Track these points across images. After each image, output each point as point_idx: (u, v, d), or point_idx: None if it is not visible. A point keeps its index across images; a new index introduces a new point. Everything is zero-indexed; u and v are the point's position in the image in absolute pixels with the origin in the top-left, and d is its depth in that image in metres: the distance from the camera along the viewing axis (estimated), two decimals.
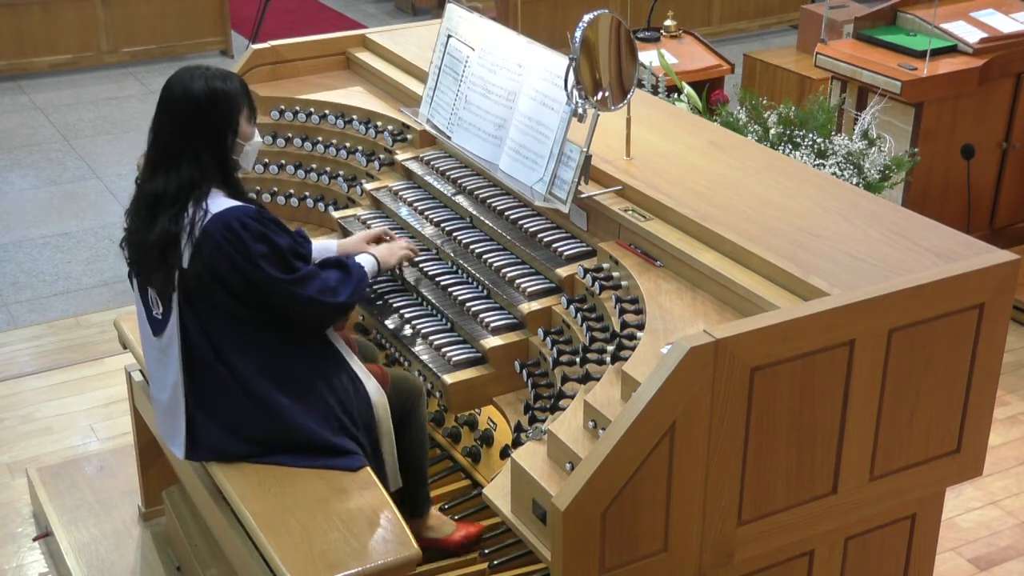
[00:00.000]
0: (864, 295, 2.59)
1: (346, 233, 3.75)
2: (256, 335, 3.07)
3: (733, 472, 2.57)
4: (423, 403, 3.48)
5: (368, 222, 3.76)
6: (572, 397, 2.80)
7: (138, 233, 3.08)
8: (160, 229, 3.00)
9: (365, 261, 3.33)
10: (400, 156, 3.91)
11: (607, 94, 3.21)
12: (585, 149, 3.20)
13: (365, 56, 4.41)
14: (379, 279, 3.53)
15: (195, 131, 3.03)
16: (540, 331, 3.11)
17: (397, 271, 3.51)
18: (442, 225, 3.59)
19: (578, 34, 3.11)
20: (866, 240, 2.92)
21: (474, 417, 3.77)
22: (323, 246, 3.50)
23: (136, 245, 3.09)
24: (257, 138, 3.23)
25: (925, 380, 2.75)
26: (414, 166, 3.85)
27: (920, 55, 5.34)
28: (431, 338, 3.28)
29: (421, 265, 3.50)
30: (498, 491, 2.73)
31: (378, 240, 3.51)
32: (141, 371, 3.72)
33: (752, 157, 3.42)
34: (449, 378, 3.14)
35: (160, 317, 3.10)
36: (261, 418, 3.08)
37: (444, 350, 3.22)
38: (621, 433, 2.40)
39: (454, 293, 3.36)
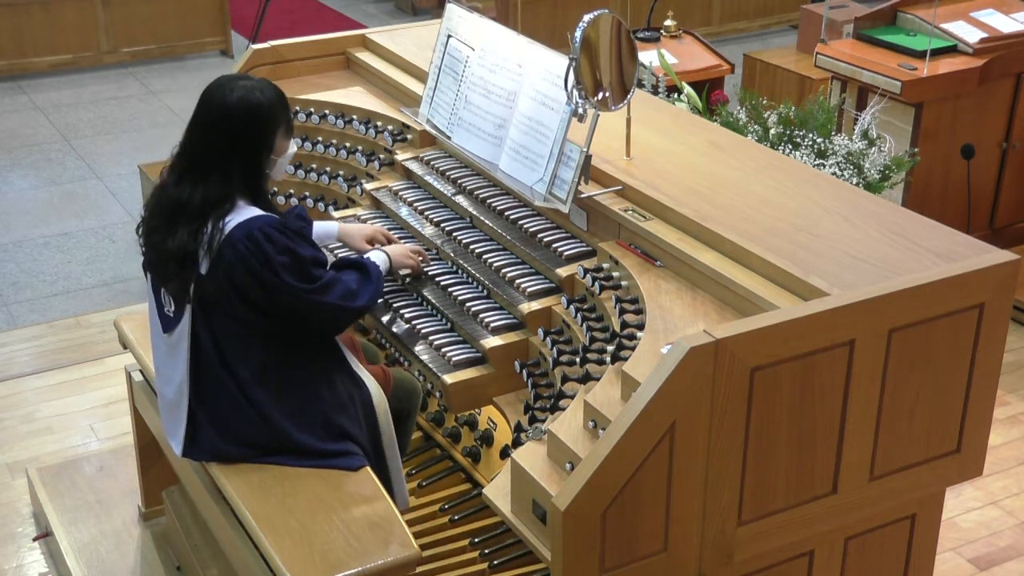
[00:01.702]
0: (864, 295, 2.59)
1: None
2: (262, 344, 3.06)
3: (733, 472, 2.57)
4: (419, 405, 3.48)
5: (368, 222, 3.76)
6: (572, 397, 2.80)
7: (156, 235, 3.04)
8: (179, 242, 2.96)
9: (379, 259, 3.32)
10: (400, 156, 3.91)
11: (607, 94, 3.21)
12: (585, 149, 3.20)
13: (365, 56, 4.41)
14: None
15: (229, 145, 2.99)
16: (540, 331, 3.11)
17: (405, 271, 3.49)
18: (442, 225, 3.59)
19: (578, 34, 3.11)
20: (866, 240, 2.91)
21: (474, 417, 3.76)
22: (324, 230, 3.50)
23: (153, 247, 3.07)
24: (291, 150, 3.19)
25: (925, 380, 2.75)
26: (414, 166, 3.85)
27: (920, 55, 5.34)
28: (431, 338, 3.28)
29: (421, 257, 3.50)
30: (498, 491, 2.73)
31: (372, 241, 3.51)
32: (141, 371, 3.72)
33: (752, 157, 3.42)
34: (449, 378, 3.14)
35: (172, 315, 3.09)
36: (261, 427, 3.07)
37: (444, 350, 3.22)
38: (621, 433, 2.40)
39: (454, 293, 3.36)
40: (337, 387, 3.15)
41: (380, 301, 3.47)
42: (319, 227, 3.49)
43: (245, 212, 3.00)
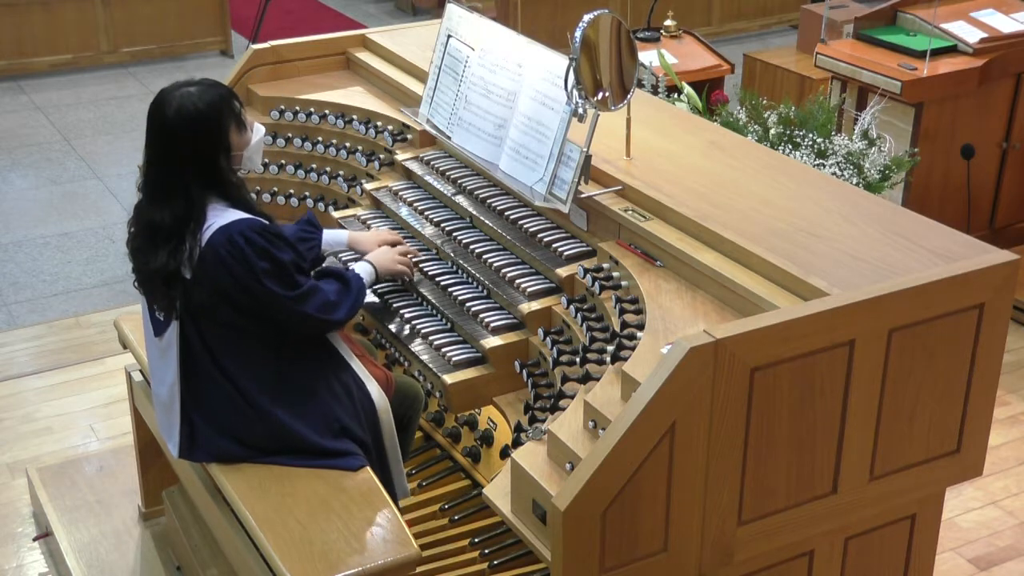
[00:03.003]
0: (864, 295, 2.59)
1: None
2: (256, 346, 3.06)
3: (733, 472, 2.57)
4: (421, 410, 3.48)
5: (368, 222, 3.76)
6: (572, 397, 2.80)
7: (141, 254, 3.05)
8: (160, 263, 2.97)
9: (363, 271, 3.32)
10: (400, 156, 3.91)
11: (607, 94, 3.21)
12: (585, 149, 3.20)
13: (365, 56, 4.41)
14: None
15: (181, 160, 2.98)
16: (540, 331, 3.11)
17: (403, 277, 3.49)
18: (442, 225, 3.59)
19: (578, 34, 3.11)
20: (866, 240, 2.91)
21: (474, 417, 3.76)
22: (334, 238, 3.49)
23: (139, 264, 3.08)
24: (257, 137, 3.17)
25: (925, 380, 2.75)
26: (414, 166, 3.85)
27: (920, 55, 5.34)
28: (431, 338, 3.28)
29: (421, 265, 3.50)
30: (498, 491, 2.73)
31: (381, 245, 3.50)
32: (141, 371, 3.72)
33: (752, 157, 3.42)
34: (449, 378, 3.14)
35: (162, 319, 3.10)
36: (258, 426, 3.08)
37: (444, 350, 3.22)
38: (621, 433, 2.40)
39: (454, 293, 3.36)
40: (333, 383, 3.15)
41: (380, 301, 3.48)
42: (329, 235, 3.49)
43: (224, 216, 3.00)
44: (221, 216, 3.00)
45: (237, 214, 3.01)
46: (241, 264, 2.96)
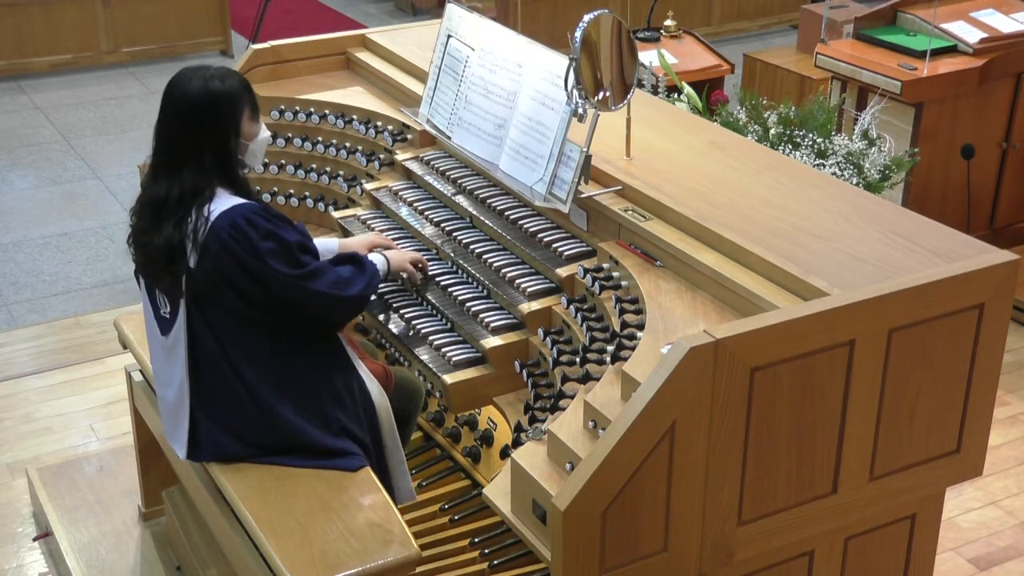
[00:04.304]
0: (864, 295, 2.59)
1: (346, 233, 3.75)
2: (262, 338, 3.06)
3: (733, 472, 2.57)
4: (421, 405, 3.48)
5: (368, 222, 3.76)
6: (572, 397, 2.80)
7: (144, 236, 3.06)
8: (165, 236, 2.98)
9: (377, 260, 3.33)
10: (400, 156, 3.91)
11: (607, 94, 3.21)
12: (585, 149, 3.20)
13: (365, 56, 4.41)
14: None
15: (196, 134, 3.01)
16: (540, 331, 3.11)
17: (402, 275, 3.49)
18: (442, 225, 3.59)
19: (578, 34, 3.11)
20: (866, 240, 2.92)
21: (474, 417, 3.76)
22: (324, 245, 3.50)
23: (142, 248, 3.08)
24: (264, 135, 3.20)
25: (925, 380, 2.75)
26: (414, 166, 3.85)
27: (920, 55, 5.34)
28: (431, 338, 3.28)
29: (421, 266, 3.50)
30: (498, 491, 2.73)
31: (375, 249, 3.50)
32: (141, 371, 3.72)
33: (752, 157, 3.42)
34: (449, 378, 3.14)
35: (167, 316, 3.09)
36: (262, 422, 3.07)
37: (444, 350, 3.22)
38: (621, 433, 2.40)
39: (454, 293, 3.36)
40: (336, 382, 3.14)
41: (380, 301, 3.48)
42: (319, 244, 3.48)
43: (227, 201, 3.01)
44: (224, 202, 3.01)
45: (238, 200, 3.02)
46: (245, 246, 2.96)
